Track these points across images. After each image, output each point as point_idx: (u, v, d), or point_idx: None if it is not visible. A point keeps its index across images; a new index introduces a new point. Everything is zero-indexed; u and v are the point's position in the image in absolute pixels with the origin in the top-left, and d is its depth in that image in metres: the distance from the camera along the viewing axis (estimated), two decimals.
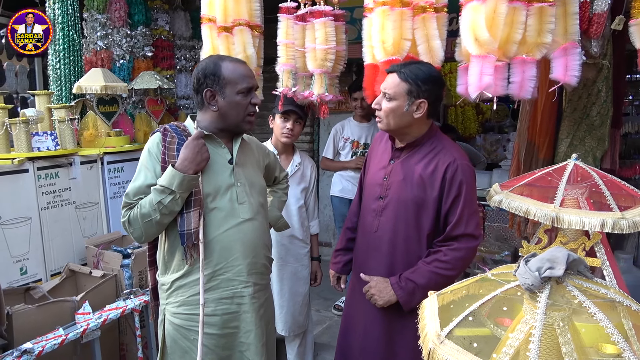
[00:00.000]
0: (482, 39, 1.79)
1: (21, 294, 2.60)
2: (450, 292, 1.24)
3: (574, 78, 1.80)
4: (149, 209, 1.57)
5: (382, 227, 1.91)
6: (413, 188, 1.85)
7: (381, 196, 1.93)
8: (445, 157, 1.83)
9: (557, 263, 1.03)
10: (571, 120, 2.89)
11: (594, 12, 1.85)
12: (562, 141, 2.93)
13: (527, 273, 1.03)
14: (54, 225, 2.89)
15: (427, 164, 1.84)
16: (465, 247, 1.81)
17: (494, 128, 7.11)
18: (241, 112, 1.69)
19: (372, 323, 1.93)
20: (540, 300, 1.00)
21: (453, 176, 1.80)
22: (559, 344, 1.02)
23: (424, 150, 1.88)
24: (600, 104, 2.81)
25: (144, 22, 3.83)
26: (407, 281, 1.81)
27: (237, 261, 1.67)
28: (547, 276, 1.02)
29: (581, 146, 2.88)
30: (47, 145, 2.86)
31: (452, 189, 1.80)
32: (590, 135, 2.87)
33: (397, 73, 1.80)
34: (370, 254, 1.96)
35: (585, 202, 1.73)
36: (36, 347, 2.15)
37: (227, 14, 2.28)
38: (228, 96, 1.66)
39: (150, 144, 1.69)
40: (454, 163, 1.81)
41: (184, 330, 1.68)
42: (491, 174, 4.44)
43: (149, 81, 3.54)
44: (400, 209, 1.87)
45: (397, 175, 1.89)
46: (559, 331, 1.02)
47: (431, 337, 1.06)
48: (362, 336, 1.98)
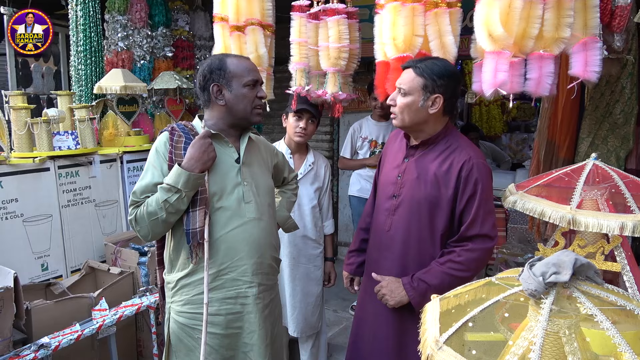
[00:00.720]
0: (497, 34, 1.73)
1: (42, 289, 2.66)
2: (453, 296, 1.20)
3: (594, 74, 1.72)
4: (155, 208, 1.58)
5: (395, 226, 1.88)
6: (427, 186, 1.80)
7: (394, 195, 1.89)
8: (460, 156, 1.78)
9: (563, 268, 0.97)
10: (593, 118, 2.78)
11: (616, 5, 1.77)
12: (583, 140, 2.82)
13: (531, 278, 0.98)
14: (74, 222, 2.95)
15: (441, 162, 1.80)
16: (480, 247, 1.75)
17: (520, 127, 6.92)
18: (248, 105, 1.69)
19: (382, 324, 1.90)
20: (543, 306, 0.95)
21: (468, 175, 1.75)
22: (565, 352, 0.97)
23: (439, 148, 1.83)
24: (624, 101, 2.70)
25: (164, 23, 3.89)
26: (419, 282, 1.77)
27: (242, 261, 1.66)
28: (552, 281, 0.97)
29: (603, 145, 2.77)
30: (68, 145, 2.92)
31: (467, 187, 1.75)
32: (614, 134, 2.75)
33: (413, 68, 1.77)
34: (382, 253, 1.93)
35: (605, 204, 1.65)
36: (53, 341, 2.20)
37: (240, 13, 2.28)
38: (235, 89, 1.67)
39: (157, 143, 1.70)
40: (469, 161, 1.76)
41: (188, 329, 1.68)
42: (515, 174, 4.32)
43: (169, 81, 3.58)
44: (414, 207, 1.83)
45: (411, 173, 1.85)
46: (564, 339, 0.97)
47: (430, 342, 1.02)
48: (371, 337, 1.94)
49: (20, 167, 2.68)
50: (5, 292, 2.10)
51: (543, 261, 1.01)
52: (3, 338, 2.15)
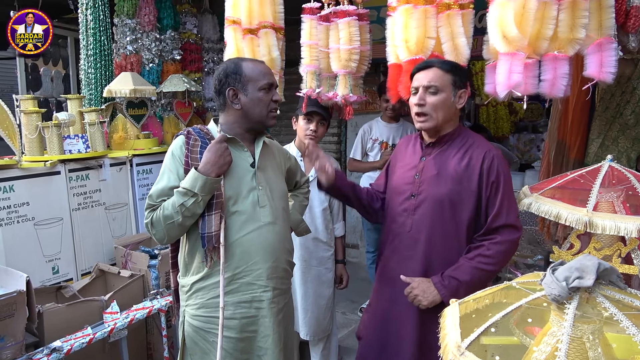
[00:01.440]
0: (511, 35, 1.71)
1: (53, 292, 2.67)
2: (473, 300, 1.19)
3: (609, 75, 1.70)
4: (171, 211, 1.58)
5: (417, 226, 1.86)
6: (448, 182, 1.80)
7: (413, 194, 1.88)
8: (479, 149, 1.80)
9: (586, 272, 0.96)
10: (603, 119, 2.76)
11: (631, 5, 1.75)
12: (592, 141, 2.80)
13: (554, 283, 0.97)
14: (84, 225, 2.96)
15: (461, 157, 1.81)
16: (508, 239, 1.75)
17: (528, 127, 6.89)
18: (264, 109, 1.70)
19: (407, 328, 1.87)
20: (567, 312, 0.94)
21: (490, 167, 1.77)
22: (589, 358, 0.95)
23: (457, 144, 1.84)
24: (635, 102, 2.67)
25: (172, 26, 3.90)
26: (450, 279, 1.75)
27: (257, 265, 1.66)
28: (575, 286, 0.96)
29: (614, 147, 2.74)
30: (78, 148, 2.93)
31: (490, 179, 1.76)
32: (624, 135, 2.73)
33: (438, 66, 1.79)
34: (403, 254, 1.90)
35: (622, 206, 1.64)
36: (65, 345, 2.21)
37: (252, 16, 2.28)
38: (250, 93, 1.67)
39: (173, 147, 1.70)
40: (489, 153, 1.78)
41: (203, 332, 1.68)
42: (524, 175, 4.30)
43: (177, 84, 3.59)
44: (436, 204, 1.82)
45: (430, 171, 1.85)
46: (588, 345, 0.96)
47: (451, 348, 1.01)
48: (395, 339, 1.93)
49: (31, 171, 2.69)
50: (18, 296, 2.11)
51: (565, 266, 1.00)
52: (16, 341, 2.16)
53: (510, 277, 3.97)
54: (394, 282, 1.90)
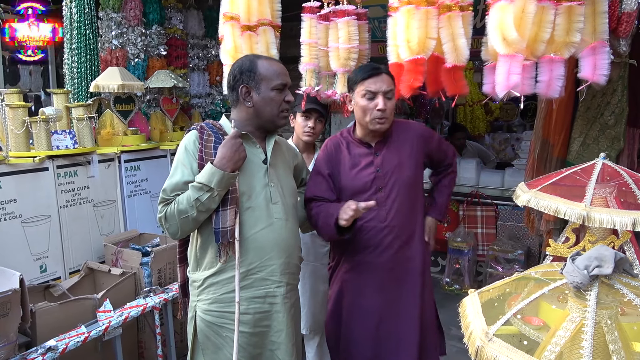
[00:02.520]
0: (511, 38, 1.78)
1: (41, 291, 2.61)
2: (490, 290, 1.24)
3: (602, 77, 1.79)
4: (186, 206, 1.58)
5: (392, 214, 1.99)
6: (409, 166, 2.04)
7: (380, 188, 1.99)
8: (410, 129, 2.12)
9: (605, 261, 1.03)
10: (584, 119, 2.89)
11: (623, 11, 1.85)
12: (574, 140, 2.93)
13: (576, 271, 1.03)
14: (72, 223, 2.90)
15: (405, 141, 2.06)
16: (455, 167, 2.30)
17: (503, 127, 7.09)
18: (275, 108, 1.71)
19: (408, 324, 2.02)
20: (590, 298, 1.00)
21: (424, 134, 2.13)
22: (606, 341, 1.02)
23: (396, 132, 2.07)
24: (615, 103, 2.80)
25: (158, 21, 3.84)
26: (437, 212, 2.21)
27: (271, 261, 1.68)
28: (595, 274, 1.02)
29: (594, 145, 2.88)
30: (66, 144, 2.87)
31: (432, 141, 2.14)
32: (604, 135, 2.86)
33: (386, 72, 1.96)
34: (382, 244, 2.00)
35: (614, 201, 1.73)
36: (60, 344, 2.16)
37: (251, 13, 2.28)
38: (263, 92, 1.68)
39: (186, 141, 1.70)
40: (418, 127, 2.16)
41: (216, 327, 1.69)
42: (503, 173, 4.43)
43: (164, 80, 3.55)
44: (405, 189, 2.01)
45: (391, 161, 2.02)
46: (606, 329, 1.03)
47: (478, 334, 1.07)
48: (395, 338, 2.01)
49: (18, 167, 2.63)
50: (13, 295, 2.06)
51: (584, 255, 1.07)
52: (9, 341, 2.11)
53: (491, 271, 4.11)
54: (373, 273, 2.02)
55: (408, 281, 2.03)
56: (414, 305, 2.02)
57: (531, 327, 1.18)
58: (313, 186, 2.05)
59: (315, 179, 2.07)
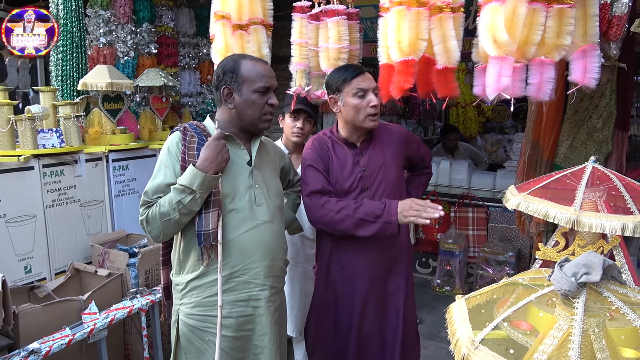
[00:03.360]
0: (501, 40, 1.77)
1: (25, 292, 2.56)
2: (477, 296, 1.23)
3: (593, 80, 1.79)
4: (168, 208, 1.55)
5: None
6: (394, 167, 2.07)
7: (365, 188, 2.00)
8: (394, 132, 2.16)
9: (593, 268, 1.01)
10: (572, 122, 2.89)
11: (613, 15, 1.84)
12: (562, 143, 2.93)
13: (563, 278, 1.01)
14: (58, 223, 2.86)
15: (389, 142, 2.09)
16: (430, 169, 2.39)
17: (495, 129, 7.12)
18: (257, 111, 1.67)
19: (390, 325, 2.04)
20: (577, 306, 0.98)
21: (406, 137, 2.18)
22: (594, 350, 1.01)
23: (379, 133, 2.09)
24: (603, 106, 2.80)
25: (149, 19, 3.80)
26: None
27: (255, 264, 1.65)
28: (583, 282, 1.01)
29: (582, 148, 2.88)
30: (53, 143, 2.82)
31: (412, 144, 2.20)
32: (592, 139, 2.86)
33: (368, 71, 2.02)
34: (365, 244, 1.99)
35: (604, 205, 1.72)
36: (43, 347, 2.13)
37: (242, 11, 2.25)
38: (245, 94, 1.65)
39: (169, 143, 1.67)
40: (399, 130, 2.19)
41: (198, 331, 1.66)
42: (495, 174, 4.43)
43: (154, 78, 3.51)
44: (390, 189, 2.04)
45: (376, 162, 2.04)
46: (593, 337, 1.01)
47: (464, 342, 1.05)
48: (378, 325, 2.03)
49: (3, 166, 2.58)
50: None
51: (572, 262, 1.05)
52: None
53: (482, 272, 4.10)
54: (359, 273, 2.02)
55: (392, 281, 2.05)
56: (398, 304, 2.04)
57: (519, 331, 1.17)
58: (315, 180, 2.00)
59: (314, 173, 2.02)
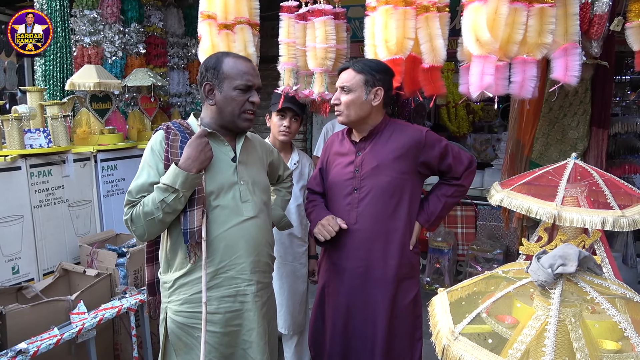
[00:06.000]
0: (484, 39, 1.80)
1: (13, 293, 2.55)
2: (459, 289, 1.25)
3: (574, 78, 1.82)
4: (151, 208, 1.55)
5: (362, 217, 1.99)
6: (388, 171, 1.96)
7: (355, 188, 2.00)
8: (410, 130, 2.01)
9: (568, 260, 1.04)
10: (547, 119, 2.93)
11: (594, 13, 1.88)
12: (537, 140, 2.98)
13: (540, 270, 1.04)
14: (46, 223, 2.84)
15: (394, 144, 1.98)
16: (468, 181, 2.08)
17: (484, 128, 7.17)
18: (236, 108, 1.67)
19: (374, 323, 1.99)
20: (553, 296, 1.01)
21: (426, 141, 1.98)
22: (570, 339, 1.03)
23: (387, 134, 2.01)
24: (577, 104, 2.85)
25: (137, 19, 3.79)
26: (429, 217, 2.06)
27: (241, 259, 1.66)
28: (559, 273, 1.03)
29: (557, 145, 2.93)
30: (40, 143, 2.81)
31: (435, 147, 1.98)
32: (567, 135, 2.91)
33: (352, 67, 1.95)
34: (350, 246, 2.01)
35: (585, 201, 1.75)
36: (31, 347, 2.12)
37: (228, 11, 2.27)
38: (225, 91, 1.65)
39: (153, 142, 1.67)
40: (421, 130, 2.00)
41: (187, 328, 1.67)
42: (483, 172, 4.48)
43: (143, 78, 3.50)
44: (380, 194, 1.97)
45: (369, 164, 1.98)
46: (570, 327, 1.04)
47: (445, 333, 1.07)
48: (361, 335, 2.00)
49: None
50: None
51: (549, 254, 1.08)
52: None
53: (471, 270, 4.14)
54: (343, 274, 2.02)
55: (378, 286, 1.99)
56: (381, 310, 1.98)
57: (504, 325, 1.19)
58: (312, 178, 2.25)
59: (316, 170, 2.24)
